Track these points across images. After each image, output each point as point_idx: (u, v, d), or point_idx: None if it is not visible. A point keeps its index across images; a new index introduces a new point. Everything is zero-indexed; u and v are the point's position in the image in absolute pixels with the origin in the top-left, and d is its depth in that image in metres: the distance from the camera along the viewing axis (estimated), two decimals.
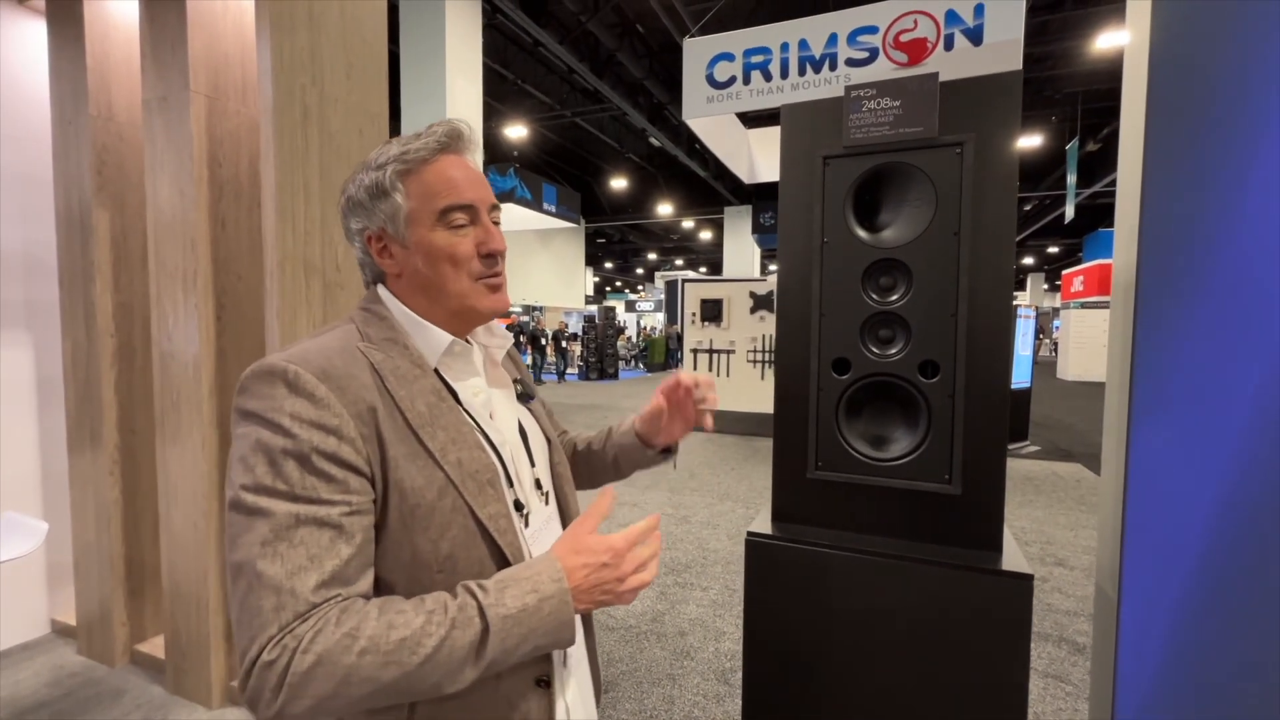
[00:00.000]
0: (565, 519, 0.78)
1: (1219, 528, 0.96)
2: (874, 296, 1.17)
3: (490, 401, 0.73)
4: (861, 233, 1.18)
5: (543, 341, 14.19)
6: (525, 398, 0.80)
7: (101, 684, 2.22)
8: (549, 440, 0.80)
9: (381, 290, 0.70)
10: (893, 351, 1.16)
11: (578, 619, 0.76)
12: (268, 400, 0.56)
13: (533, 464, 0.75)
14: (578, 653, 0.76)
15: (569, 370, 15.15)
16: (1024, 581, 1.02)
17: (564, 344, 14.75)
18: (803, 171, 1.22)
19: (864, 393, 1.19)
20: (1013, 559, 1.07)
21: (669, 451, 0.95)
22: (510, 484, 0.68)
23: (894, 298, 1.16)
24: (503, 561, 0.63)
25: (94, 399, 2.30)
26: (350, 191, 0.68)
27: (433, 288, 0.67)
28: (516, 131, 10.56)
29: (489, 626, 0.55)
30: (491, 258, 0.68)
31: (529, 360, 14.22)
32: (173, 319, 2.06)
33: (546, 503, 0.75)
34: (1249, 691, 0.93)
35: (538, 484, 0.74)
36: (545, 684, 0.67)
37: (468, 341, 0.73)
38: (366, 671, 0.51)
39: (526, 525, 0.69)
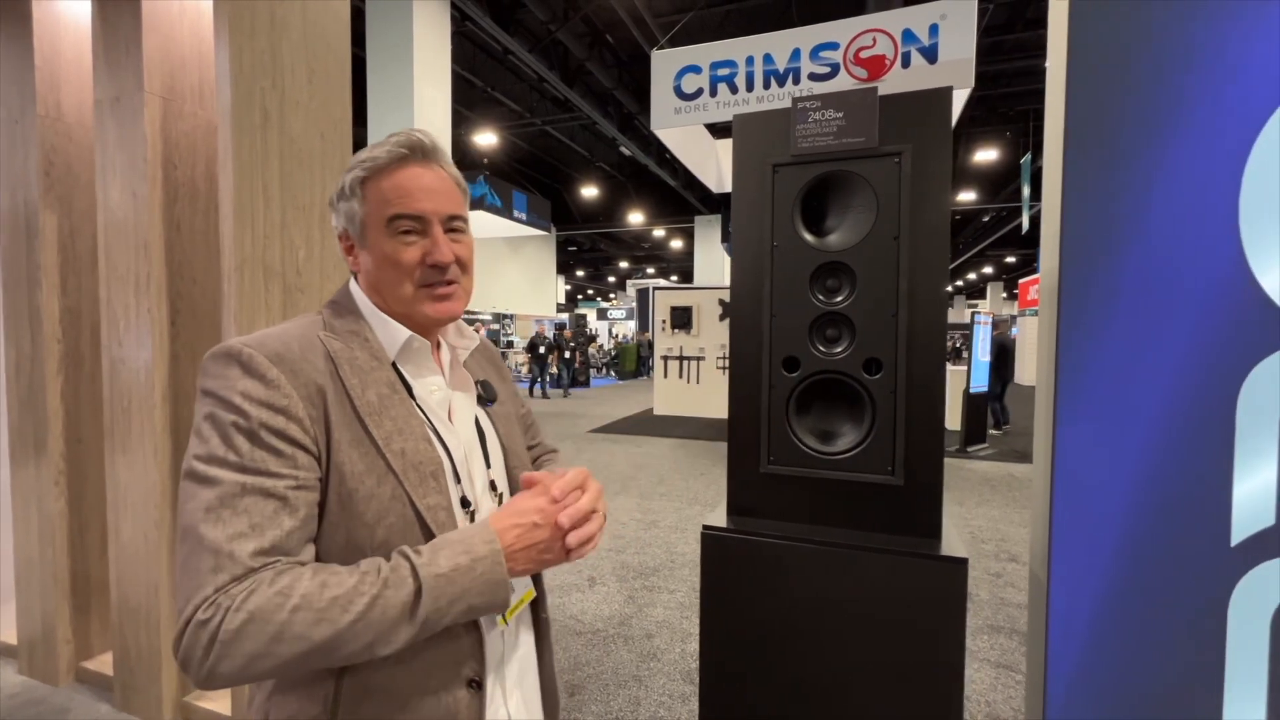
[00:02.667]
0: None
1: (1136, 513, 1.03)
2: (821, 298, 1.23)
3: (448, 400, 0.75)
4: (809, 237, 1.23)
5: (541, 349, 12.50)
6: (486, 401, 0.81)
7: (44, 703, 2.13)
8: (505, 447, 0.81)
9: (352, 285, 0.74)
10: (839, 350, 1.21)
11: (528, 623, 0.78)
12: (222, 380, 0.59)
13: (488, 465, 0.76)
14: (521, 664, 0.77)
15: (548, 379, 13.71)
16: (960, 565, 1.07)
17: (567, 353, 13.38)
18: (754, 178, 1.27)
19: (813, 389, 1.24)
20: (950, 544, 1.13)
21: None
22: (458, 480, 0.70)
23: (840, 299, 1.21)
24: None
25: (38, 407, 2.21)
26: (332, 191, 0.72)
27: (383, 289, 0.70)
28: (486, 139, 10.54)
29: (422, 585, 0.57)
30: (438, 268, 0.69)
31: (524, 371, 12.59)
32: (124, 324, 2.01)
33: (500, 504, 0.77)
34: (1166, 662, 1.00)
35: (492, 485, 0.76)
36: (477, 685, 0.67)
37: (435, 341, 0.76)
38: (298, 629, 0.52)
39: (473, 521, 0.71)
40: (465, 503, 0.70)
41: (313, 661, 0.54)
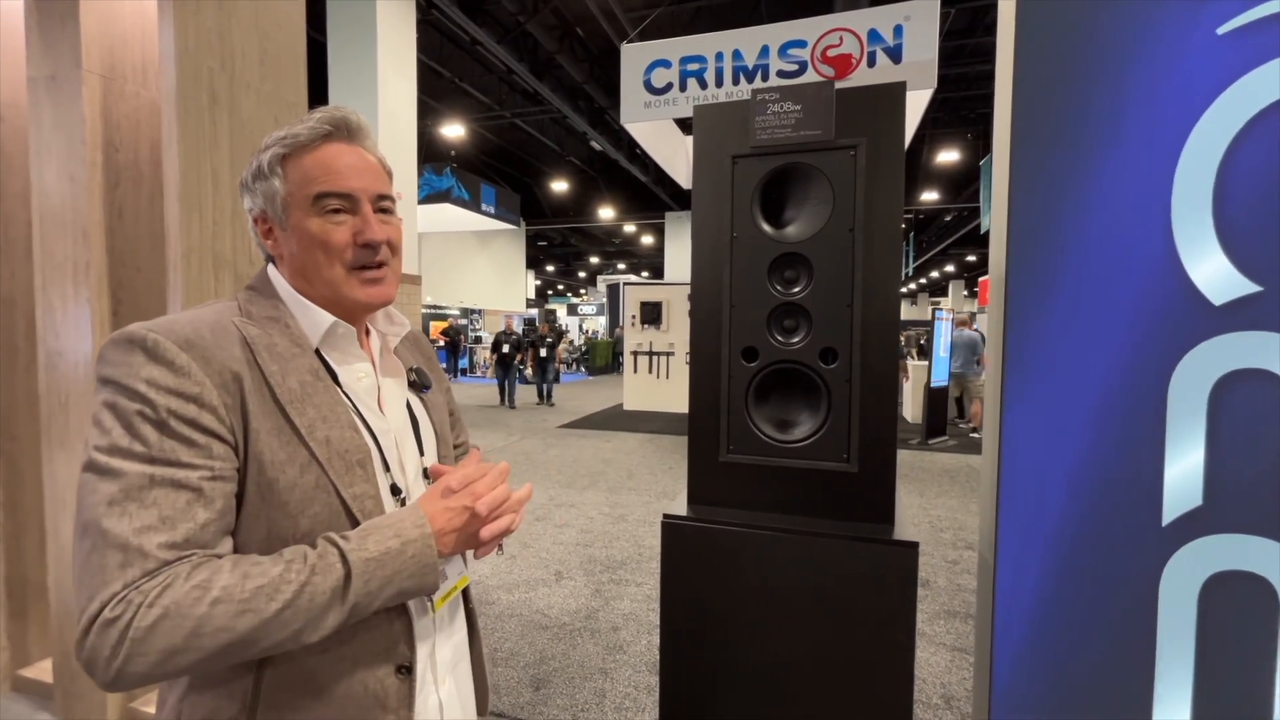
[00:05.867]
0: None
1: (1076, 496, 1.07)
2: (779, 288, 1.24)
3: (377, 387, 0.73)
4: (767, 228, 1.25)
5: (505, 349, 10.22)
6: (420, 387, 0.80)
7: None
8: (437, 435, 0.80)
9: (270, 269, 0.70)
10: (796, 340, 1.23)
11: (462, 609, 0.77)
12: (124, 367, 0.56)
13: (422, 452, 0.75)
14: (454, 653, 0.76)
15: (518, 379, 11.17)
16: (910, 549, 1.10)
17: (543, 351, 10.83)
18: (714, 170, 1.28)
19: (771, 379, 1.25)
20: (902, 529, 1.16)
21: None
22: (387, 468, 0.68)
23: (797, 290, 1.23)
24: None
25: None
26: (243, 174, 0.69)
27: (309, 273, 0.67)
28: (454, 130, 10.34)
29: (351, 570, 0.56)
30: (369, 248, 0.67)
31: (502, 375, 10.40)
32: (61, 314, 1.91)
33: None
34: (1104, 635, 1.05)
35: (425, 472, 0.74)
36: (406, 670, 0.66)
37: (363, 327, 0.74)
38: (220, 621, 0.51)
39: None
40: (395, 490, 0.69)
41: (234, 654, 0.53)
